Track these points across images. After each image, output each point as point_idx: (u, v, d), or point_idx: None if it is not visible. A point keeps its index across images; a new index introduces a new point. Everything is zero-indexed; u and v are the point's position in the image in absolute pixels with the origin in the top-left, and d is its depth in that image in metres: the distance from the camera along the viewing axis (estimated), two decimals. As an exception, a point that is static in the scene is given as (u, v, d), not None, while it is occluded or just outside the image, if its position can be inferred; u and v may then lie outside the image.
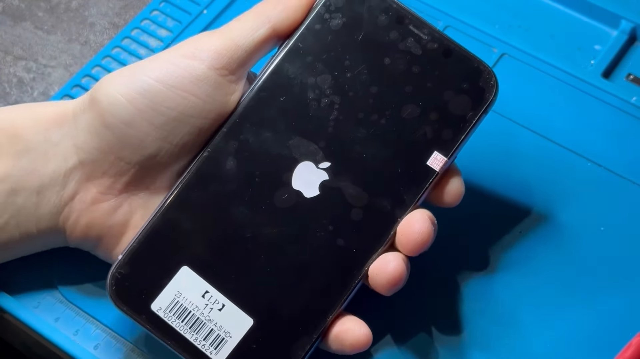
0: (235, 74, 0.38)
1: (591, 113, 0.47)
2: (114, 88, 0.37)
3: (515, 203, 0.44)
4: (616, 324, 0.41)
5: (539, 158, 0.46)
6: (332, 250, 0.37)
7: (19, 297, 0.41)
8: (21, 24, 0.53)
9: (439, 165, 0.38)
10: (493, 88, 0.38)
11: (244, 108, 0.38)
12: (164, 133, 0.37)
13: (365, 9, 0.39)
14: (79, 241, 0.39)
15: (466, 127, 0.38)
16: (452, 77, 0.38)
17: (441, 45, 0.39)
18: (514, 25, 0.51)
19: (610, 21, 0.50)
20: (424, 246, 0.37)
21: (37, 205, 0.38)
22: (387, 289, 0.37)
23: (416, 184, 0.38)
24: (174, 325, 0.37)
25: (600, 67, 0.49)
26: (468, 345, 0.40)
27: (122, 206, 0.38)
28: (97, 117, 0.37)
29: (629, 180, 0.45)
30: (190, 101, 0.37)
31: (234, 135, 0.38)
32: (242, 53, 0.38)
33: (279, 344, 0.37)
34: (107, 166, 0.38)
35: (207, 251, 0.37)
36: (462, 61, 0.38)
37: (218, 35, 0.38)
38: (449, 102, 0.38)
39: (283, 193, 0.38)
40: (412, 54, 0.38)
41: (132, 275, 0.37)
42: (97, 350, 0.40)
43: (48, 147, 0.38)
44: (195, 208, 0.38)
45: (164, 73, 0.37)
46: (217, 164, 0.38)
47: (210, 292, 0.37)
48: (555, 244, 0.43)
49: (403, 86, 0.38)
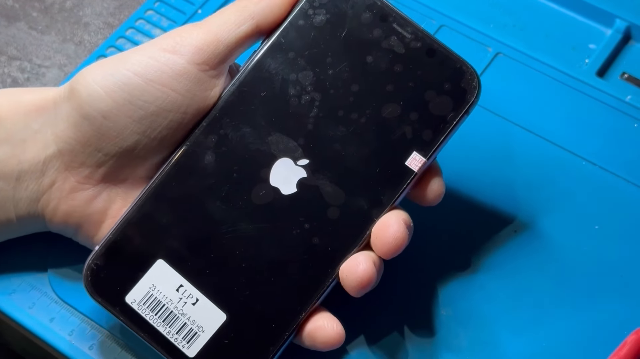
0: (216, 69, 0.38)
1: (586, 112, 0.48)
2: (94, 80, 0.37)
3: (510, 202, 0.44)
4: (610, 323, 0.41)
5: (533, 157, 0.46)
6: (307, 247, 0.38)
7: (13, 298, 0.41)
8: (15, 24, 0.53)
9: (417, 166, 0.38)
10: (475, 90, 0.38)
11: (225, 103, 0.38)
12: (142, 127, 0.37)
13: (349, 6, 0.39)
14: (59, 227, 0.39)
15: (446, 128, 0.38)
16: (434, 77, 0.38)
17: (424, 45, 0.38)
18: (509, 25, 0.51)
19: (605, 20, 0.51)
20: (398, 250, 0.37)
21: (16, 190, 0.38)
22: (355, 290, 0.37)
23: (394, 184, 0.38)
24: (148, 318, 0.37)
25: (594, 66, 0.49)
26: (460, 346, 0.40)
27: (100, 195, 0.38)
28: (76, 107, 0.37)
29: (624, 178, 0.45)
30: (170, 96, 0.37)
31: (213, 130, 0.38)
32: (224, 48, 0.38)
33: (251, 340, 0.37)
34: (85, 156, 0.38)
35: (183, 245, 0.38)
36: (445, 61, 0.38)
37: (200, 29, 0.38)
38: (430, 103, 0.38)
39: (260, 189, 0.38)
40: (395, 53, 0.38)
41: (107, 266, 0.37)
42: (92, 350, 0.40)
43: (27, 134, 0.38)
44: (172, 201, 0.38)
45: (143, 67, 0.37)
46: (195, 158, 0.38)
47: (185, 286, 0.37)
48: (549, 243, 0.43)
49: (384, 85, 0.38)
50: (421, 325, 0.41)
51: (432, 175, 0.39)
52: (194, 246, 0.38)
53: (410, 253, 0.38)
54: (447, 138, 0.38)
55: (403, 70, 0.38)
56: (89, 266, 0.38)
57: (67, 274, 0.41)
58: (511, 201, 0.44)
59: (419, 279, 0.42)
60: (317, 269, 0.38)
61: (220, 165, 0.38)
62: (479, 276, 0.42)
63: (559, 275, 0.42)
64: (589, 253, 0.43)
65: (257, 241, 0.38)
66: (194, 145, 0.38)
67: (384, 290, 0.38)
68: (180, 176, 0.38)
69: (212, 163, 0.38)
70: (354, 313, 0.40)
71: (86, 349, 0.40)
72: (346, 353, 0.40)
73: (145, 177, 0.39)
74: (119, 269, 0.37)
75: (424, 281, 0.42)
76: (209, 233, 0.38)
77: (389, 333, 0.41)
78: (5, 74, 0.51)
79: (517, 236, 0.43)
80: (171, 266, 0.37)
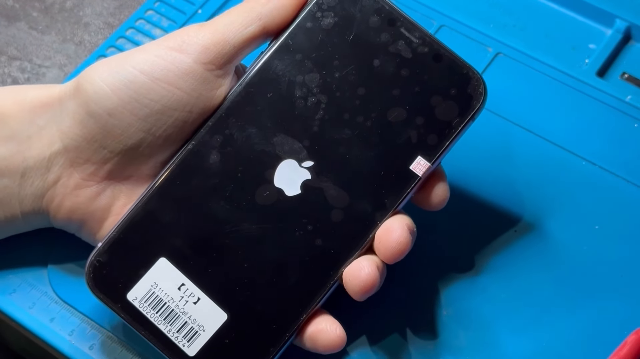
0: (222, 69, 0.38)
1: (586, 112, 0.48)
2: (100, 78, 0.37)
3: (510, 202, 0.44)
4: (610, 323, 0.41)
5: (533, 157, 0.46)
6: (310, 249, 0.38)
7: (13, 297, 0.41)
8: (15, 24, 0.53)
9: (422, 171, 0.38)
10: (481, 96, 0.38)
11: (231, 103, 0.38)
12: (147, 125, 0.37)
13: (357, 9, 0.39)
14: (63, 223, 0.39)
15: (452, 133, 0.38)
16: (440, 82, 0.38)
17: (431, 50, 0.38)
18: (509, 25, 0.51)
19: (605, 20, 0.50)
20: (401, 255, 0.37)
21: (21, 186, 0.38)
22: (359, 295, 0.37)
23: (398, 188, 0.38)
24: (149, 316, 0.37)
25: (594, 66, 0.49)
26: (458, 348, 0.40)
27: (104, 192, 0.38)
28: (81, 104, 0.37)
29: (624, 178, 0.45)
30: (175, 94, 0.37)
31: (218, 130, 0.38)
32: (231, 49, 0.38)
33: (251, 340, 0.37)
34: (90, 153, 0.38)
35: (186, 244, 0.38)
36: (451, 67, 0.38)
37: (207, 28, 0.38)
38: (435, 108, 0.38)
39: (264, 190, 0.38)
40: (402, 57, 0.38)
41: (110, 263, 0.37)
42: (92, 350, 0.40)
43: (33, 131, 0.38)
44: (176, 200, 0.38)
45: (149, 65, 0.37)
46: (200, 158, 0.38)
47: (187, 285, 0.37)
48: (549, 243, 0.43)
49: (391, 89, 0.38)
50: (422, 325, 0.41)
51: (437, 179, 0.39)
52: (196, 245, 0.38)
53: (410, 253, 0.38)
54: (452, 143, 0.38)
55: (409, 74, 0.38)
56: (91, 263, 0.38)
57: (68, 274, 0.41)
58: (511, 201, 0.44)
59: (419, 279, 0.42)
60: (319, 271, 0.38)
61: (225, 164, 0.38)
62: (479, 277, 0.42)
63: (559, 275, 0.42)
64: (589, 253, 0.43)
65: (259, 241, 0.38)
66: (199, 144, 0.38)
67: (384, 290, 0.38)
68: (184, 175, 0.38)
69: (217, 162, 0.38)
70: (355, 313, 0.40)
71: (86, 349, 0.40)
72: (347, 354, 0.40)
73: (150, 175, 0.39)
74: (122, 266, 0.38)
75: (424, 281, 0.42)
76: (212, 232, 0.38)
77: (389, 333, 0.41)
78: (6, 74, 0.51)
79: (517, 236, 0.43)
80: (173, 264, 0.38)
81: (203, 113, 0.38)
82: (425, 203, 0.39)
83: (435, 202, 0.39)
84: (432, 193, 0.38)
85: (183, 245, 0.38)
